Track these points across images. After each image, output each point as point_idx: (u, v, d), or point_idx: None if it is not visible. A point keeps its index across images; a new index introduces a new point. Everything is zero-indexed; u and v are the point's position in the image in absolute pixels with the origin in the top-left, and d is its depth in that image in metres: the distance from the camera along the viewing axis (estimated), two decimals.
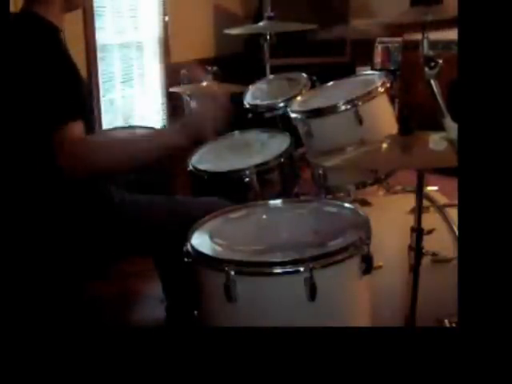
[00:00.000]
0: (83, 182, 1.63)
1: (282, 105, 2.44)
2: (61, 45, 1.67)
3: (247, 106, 2.62)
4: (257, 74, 2.90)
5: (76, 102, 1.59)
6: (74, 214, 1.61)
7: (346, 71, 2.86)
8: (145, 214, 1.74)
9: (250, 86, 2.78)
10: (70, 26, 1.77)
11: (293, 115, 2.20)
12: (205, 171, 2.19)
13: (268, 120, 2.51)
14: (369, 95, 2.06)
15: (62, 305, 1.73)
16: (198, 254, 1.46)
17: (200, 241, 1.53)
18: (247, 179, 2.11)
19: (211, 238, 1.55)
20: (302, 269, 1.35)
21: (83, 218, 1.63)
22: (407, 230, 1.60)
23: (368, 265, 1.44)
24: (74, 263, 1.66)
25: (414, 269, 1.59)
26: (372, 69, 4.26)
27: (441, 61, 1.31)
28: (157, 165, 1.84)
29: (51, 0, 1.67)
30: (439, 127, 1.35)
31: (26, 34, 1.58)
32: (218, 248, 1.50)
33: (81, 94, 1.64)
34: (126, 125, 3.65)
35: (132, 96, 3.82)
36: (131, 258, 1.80)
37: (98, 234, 1.65)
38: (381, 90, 2.07)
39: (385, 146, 1.60)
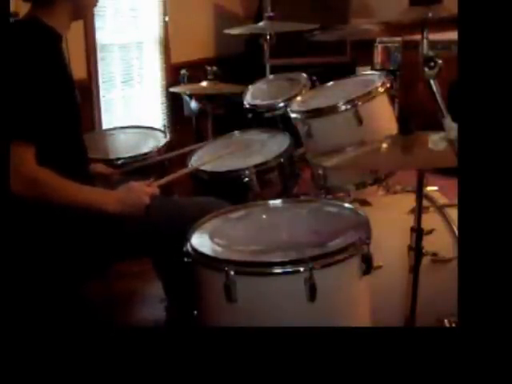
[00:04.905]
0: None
1: (281, 105, 2.44)
2: (58, 54, 1.62)
3: (247, 106, 2.62)
4: (257, 74, 2.91)
5: (31, 125, 1.50)
6: (72, 215, 1.60)
7: (346, 71, 2.86)
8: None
9: (250, 86, 2.78)
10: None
11: (293, 115, 2.20)
12: (205, 171, 2.19)
13: (268, 120, 2.51)
14: (369, 95, 2.06)
15: (61, 305, 1.73)
16: (198, 254, 1.46)
17: (200, 241, 1.53)
18: (247, 179, 2.11)
19: (211, 238, 1.55)
20: (301, 269, 1.35)
21: (81, 219, 1.62)
22: (407, 230, 1.60)
23: (368, 265, 1.44)
24: (73, 264, 1.65)
25: (414, 269, 1.59)
26: (372, 69, 4.26)
27: (440, 61, 1.30)
28: None
29: (58, 7, 1.62)
30: (439, 127, 1.35)
31: (24, 39, 1.53)
32: (218, 248, 1.50)
33: (47, 119, 1.54)
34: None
35: (132, 96, 3.82)
36: (130, 259, 1.80)
37: (96, 235, 1.65)
38: (381, 90, 2.07)
39: (385, 146, 1.59)
